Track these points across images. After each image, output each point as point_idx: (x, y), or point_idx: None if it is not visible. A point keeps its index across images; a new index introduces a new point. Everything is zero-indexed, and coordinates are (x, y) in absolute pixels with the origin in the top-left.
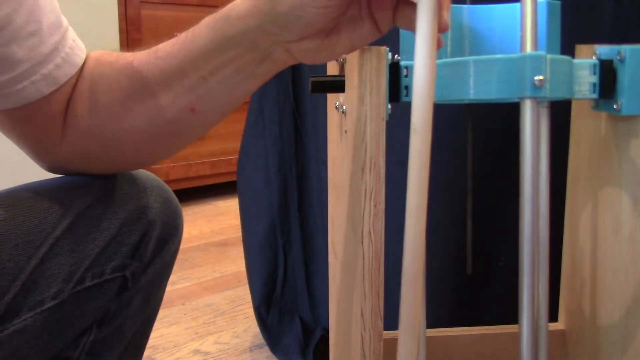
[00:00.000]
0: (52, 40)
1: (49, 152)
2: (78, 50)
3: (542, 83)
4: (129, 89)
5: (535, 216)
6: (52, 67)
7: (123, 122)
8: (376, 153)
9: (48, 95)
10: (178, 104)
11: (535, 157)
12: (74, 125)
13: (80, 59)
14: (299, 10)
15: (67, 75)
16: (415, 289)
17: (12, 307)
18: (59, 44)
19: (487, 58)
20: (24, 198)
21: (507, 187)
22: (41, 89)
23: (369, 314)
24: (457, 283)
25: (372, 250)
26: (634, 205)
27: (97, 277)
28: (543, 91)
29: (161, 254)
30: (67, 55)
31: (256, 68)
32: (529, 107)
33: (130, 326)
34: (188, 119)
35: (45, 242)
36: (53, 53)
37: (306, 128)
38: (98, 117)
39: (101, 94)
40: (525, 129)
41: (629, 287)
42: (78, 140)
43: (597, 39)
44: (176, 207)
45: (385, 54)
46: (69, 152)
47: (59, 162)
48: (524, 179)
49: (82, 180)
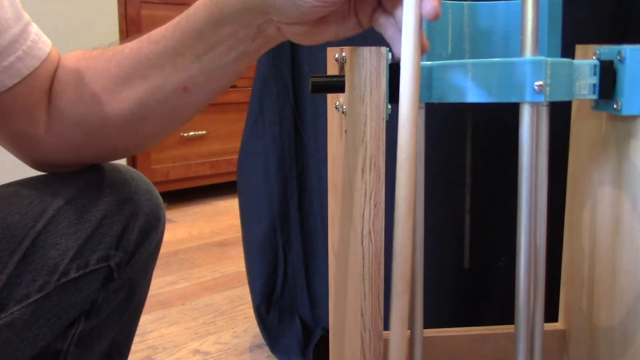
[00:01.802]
0: (11, 33)
1: (31, 147)
2: (42, 44)
3: (541, 89)
4: (119, 75)
5: (532, 217)
6: (13, 60)
7: (110, 109)
8: (376, 153)
9: (12, 87)
10: (171, 84)
11: (533, 161)
12: (58, 118)
13: (43, 53)
14: (300, 0)
15: (29, 68)
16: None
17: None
18: (19, 37)
19: (486, 61)
20: (4, 195)
21: (507, 186)
22: (3, 81)
23: (369, 314)
24: (457, 283)
25: (372, 250)
26: (634, 205)
27: (82, 269)
28: (542, 96)
29: (145, 245)
30: (29, 48)
31: (249, 45)
32: (527, 111)
33: (117, 317)
34: (180, 98)
35: (27, 236)
36: (13, 45)
37: (306, 128)
38: (84, 106)
39: (88, 85)
40: (523, 132)
41: (629, 287)
42: (63, 132)
43: (598, 39)
44: (157, 198)
45: (385, 54)
46: (53, 146)
47: (43, 156)
48: (521, 182)
49: (62, 175)
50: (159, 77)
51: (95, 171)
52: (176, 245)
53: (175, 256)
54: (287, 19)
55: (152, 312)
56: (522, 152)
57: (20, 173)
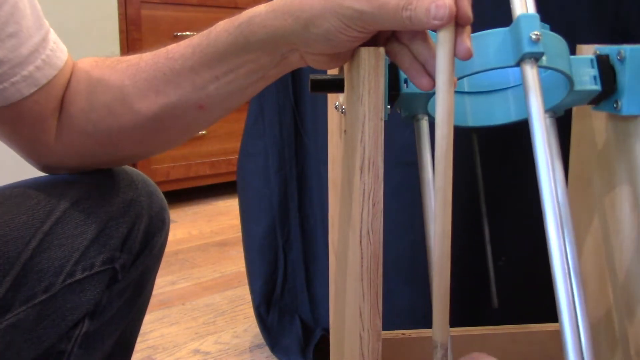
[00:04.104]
0: (32, 42)
1: (41, 153)
2: (59, 53)
3: (538, 38)
4: (133, 88)
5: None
6: (32, 69)
7: (123, 120)
8: (374, 153)
9: (29, 96)
10: (187, 101)
11: (542, 118)
12: (70, 125)
13: (61, 61)
14: (331, 35)
15: (47, 77)
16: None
17: (4, 302)
18: (39, 46)
19: (481, 33)
20: (11, 196)
21: (507, 186)
22: (21, 90)
23: (368, 314)
24: (457, 283)
25: (370, 250)
26: (634, 205)
27: (87, 270)
28: (540, 46)
29: (149, 247)
30: (48, 57)
31: (269, 70)
32: (529, 70)
33: (121, 318)
34: (195, 115)
35: (34, 237)
36: (33, 55)
37: (306, 128)
38: (95, 115)
39: (100, 94)
40: (529, 92)
41: (629, 288)
42: (74, 140)
43: (598, 39)
44: (162, 201)
45: (383, 54)
46: (63, 152)
47: (52, 161)
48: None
49: (69, 177)
50: (175, 94)
51: (101, 173)
52: (176, 245)
53: (175, 256)
54: (314, 50)
55: (152, 312)
56: (530, 107)
57: (21, 173)
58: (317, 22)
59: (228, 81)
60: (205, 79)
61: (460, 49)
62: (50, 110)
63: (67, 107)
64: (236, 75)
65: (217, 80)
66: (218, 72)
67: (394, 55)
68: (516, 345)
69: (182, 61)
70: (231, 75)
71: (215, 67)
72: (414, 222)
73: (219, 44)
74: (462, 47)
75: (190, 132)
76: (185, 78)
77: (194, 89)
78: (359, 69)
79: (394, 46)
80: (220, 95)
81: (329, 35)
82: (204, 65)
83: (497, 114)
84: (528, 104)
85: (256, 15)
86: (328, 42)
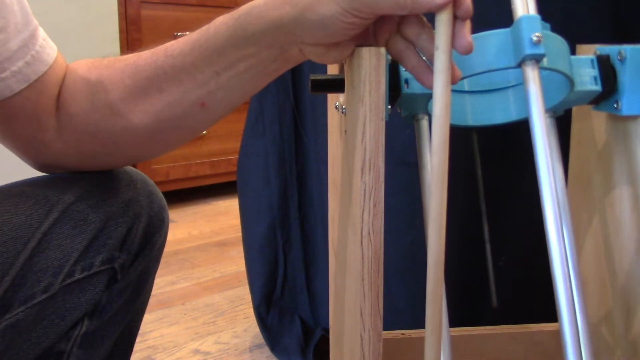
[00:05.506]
0: (20, 38)
1: (38, 151)
2: (49, 50)
3: (539, 39)
4: (134, 86)
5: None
6: (21, 65)
7: (126, 120)
8: (375, 153)
9: (20, 92)
10: (188, 99)
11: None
12: (70, 125)
13: (50, 58)
14: (328, 20)
15: (37, 73)
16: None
17: (3, 303)
18: (28, 42)
19: (483, 33)
20: (9, 196)
21: (506, 186)
22: (11, 86)
23: (368, 314)
24: (457, 283)
25: (371, 250)
26: (634, 205)
27: (86, 270)
28: (541, 48)
29: (148, 247)
30: (38, 53)
31: (269, 65)
32: (530, 72)
33: (120, 318)
34: (197, 113)
35: (33, 237)
36: (22, 50)
37: (306, 128)
38: (97, 115)
39: (101, 94)
40: (530, 92)
41: (629, 288)
42: (74, 140)
43: (598, 39)
44: (161, 200)
45: (384, 53)
46: (63, 151)
47: (50, 160)
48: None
49: (67, 176)
50: (176, 92)
51: (100, 173)
52: (176, 245)
53: (175, 256)
54: (312, 40)
55: (152, 312)
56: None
57: (22, 173)
58: (315, 8)
59: (228, 77)
60: (206, 75)
61: (461, 42)
62: (44, 108)
63: (66, 107)
64: (236, 70)
65: (218, 76)
66: (218, 67)
67: (398, 54)
68: (516, 345)
69: (182, 58)
70: (231, 70)
71: (215, 62)
72: (414, 222)
73: (218, 38)
74: (463, 40)
75: (192, 133)
76: (186, 74)
77: (195, 85)
78: (359, 69)
79: (399, 44)
80: (221, 91)
81: (326, 21)
82: (204, 61)
83: (498, 113)
84: (528, 104)
85: (255, 7)
86: (325, 28)
